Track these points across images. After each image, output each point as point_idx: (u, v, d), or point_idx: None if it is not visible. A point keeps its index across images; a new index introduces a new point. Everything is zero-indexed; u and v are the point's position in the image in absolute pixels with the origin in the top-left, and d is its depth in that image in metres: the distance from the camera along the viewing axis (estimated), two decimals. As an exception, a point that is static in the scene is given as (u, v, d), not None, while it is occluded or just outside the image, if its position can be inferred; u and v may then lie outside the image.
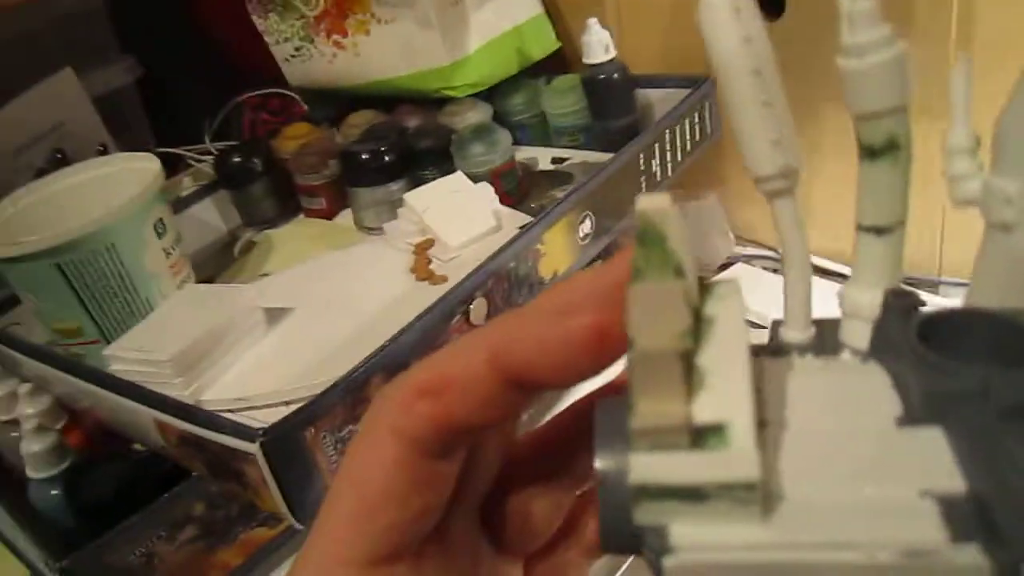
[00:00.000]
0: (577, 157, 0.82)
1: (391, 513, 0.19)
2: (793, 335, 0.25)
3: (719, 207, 0.80)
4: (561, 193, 0.67)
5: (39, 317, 0.66)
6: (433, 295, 0.53)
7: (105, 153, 0.89)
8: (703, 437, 0.17)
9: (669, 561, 0.17)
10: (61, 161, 0.84)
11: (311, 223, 0.83)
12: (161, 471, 0.59)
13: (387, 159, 0.75)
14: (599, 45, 0.75)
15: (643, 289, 0.18)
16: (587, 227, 0.62)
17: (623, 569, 0.55)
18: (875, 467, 0.18)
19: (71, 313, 0.63)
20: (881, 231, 0.23)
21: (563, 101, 0.82)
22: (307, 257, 0.75)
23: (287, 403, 0.53)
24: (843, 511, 0.17)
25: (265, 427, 0.43)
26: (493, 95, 0.85)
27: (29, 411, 0.60)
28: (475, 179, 0.71)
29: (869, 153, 0.23)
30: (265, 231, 0.84)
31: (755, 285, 0.76)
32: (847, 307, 0.25)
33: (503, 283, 0.56)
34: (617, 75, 0.76)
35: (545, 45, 0.86)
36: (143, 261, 0.64)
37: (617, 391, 0.19)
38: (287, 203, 0.85)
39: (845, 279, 0.24)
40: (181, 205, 0.84)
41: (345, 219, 0.81)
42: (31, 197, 0.69)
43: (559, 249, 0.60)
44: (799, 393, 0.21)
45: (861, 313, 0.24)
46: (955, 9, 0.64)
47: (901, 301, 0.22)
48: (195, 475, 0.57)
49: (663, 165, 0.71)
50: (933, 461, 0.18)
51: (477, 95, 0.83)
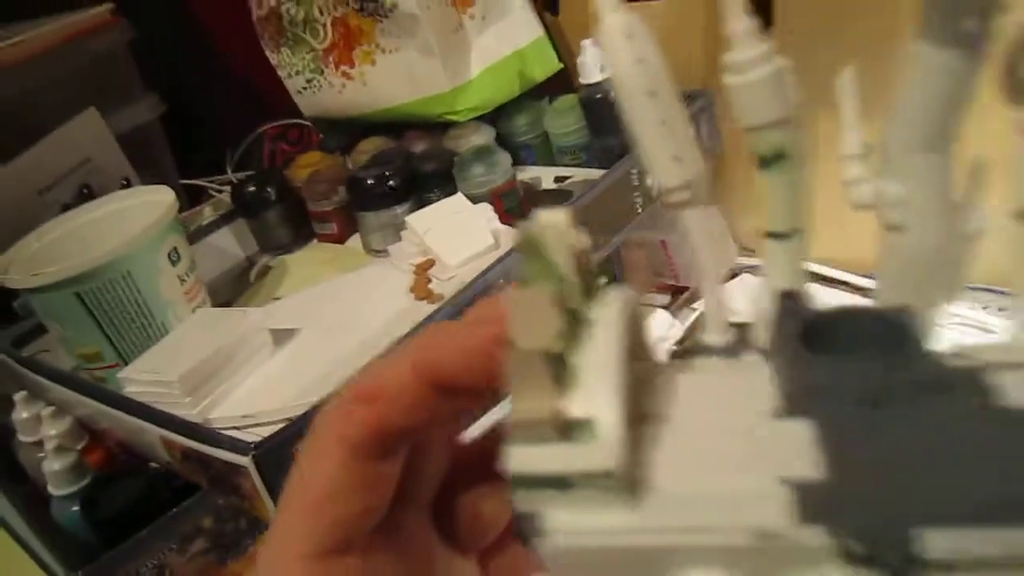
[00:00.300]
0: (579, 175, 0.83)
1: (336, 510, 0.21)
2: (711, 339, 0.26)
3: (721, 218, 0.81)
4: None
5: (63, 344, 0.69)
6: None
7: (129, 187, 0.93)
8: (573, 430, 0.19)
9: (542, 544, 0.18)
10: (87, 196, 0.88)
11: (323, 248, 0.86)
12: (174, 487, 0.62)
13: (391, 183, 0.77)
14: (594, 65, 0.76)
15: (519, 295, 0.20)
16: (579, 243, 0.63)
17: None
18: (741, 458, 0.19)
19: (91, 339, 0.66)
20: (780, 236, 0.25)
21: (564, 121, 0.84)
22: (318, 280, 0.77)
23: (290, 419, 0.55)
24: (706, 499, 0.18)
25: (257, 441, 0.45)
26: (498, 117, 0.87)
27: (51, 432, 0.63)
28: (477, 200, 0.73)
29: (761, 163, 0.24)
30: (280, 256, 0.87)
31: (760, 295, 0.76)
32: (757, 310, 0.26)
33: (495, 299, 0.57)
34: (613, 93, 0.77)
35: (547, 66, 0.88)
36: (158, 288, 0.67)
37: None
38: (301, 229, 0.88)
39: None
40: (201, 234, 0.88)
41: (355, 243, 0.84)
42: (55, 231, 0.73)
43: (550, 265, 0.61)
44: (689, 392, 0.22)
45: (765, 315, 0.25)
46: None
47: (791, 302, 0.23)
48: (203, 490, 0.59)
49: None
50: (794, 450, 0.19)
51: (481, 118, 0.85)
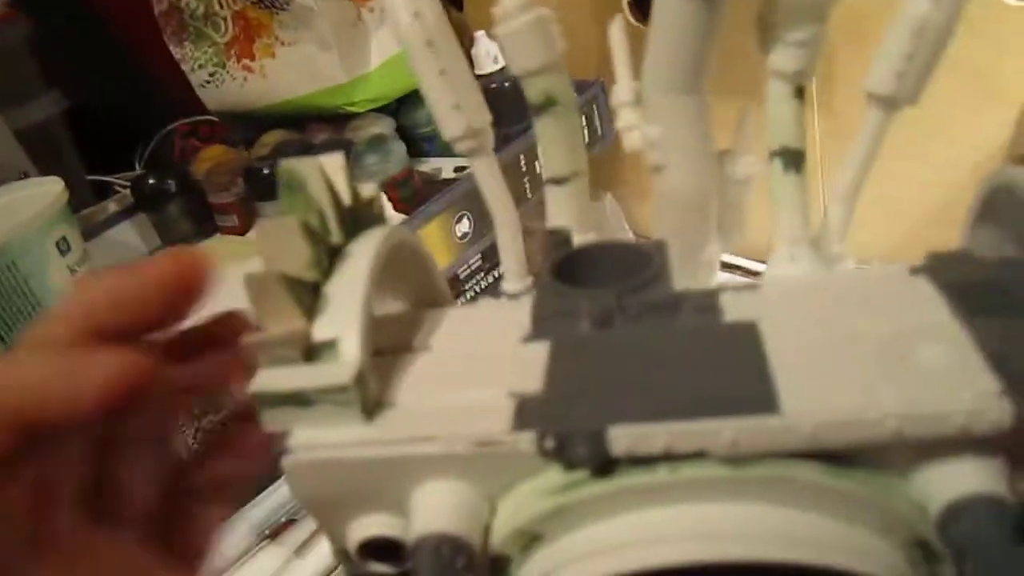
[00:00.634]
0: (480, 165, 0.85)
1: None
2: (510, 287, 0.28)
3: (616, 206, 0.83)
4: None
5: (-49, 337, 0.68)
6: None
7: (25, 181, 0.91)
8: (318, 352, 0.20)
9: (286, 460, 0.19)
10: (-19, 191, 0.86)
11: (226, 240, 0.86)
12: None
13: (289, 173, 0.77)
14: (487, 56, 0.78)
15: (268, 223, 0.21)
16: (465, 227, 0.64)
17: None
18: (481, 377, 0.20)
19: (-23, 331, 0.65)
20: (559, 181, 0.26)
21: (463, 112, 0.85)
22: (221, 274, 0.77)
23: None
24: (437, 412, 0.19)
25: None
26: (399, 109, 0.88)
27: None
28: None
29: (534, 110, 0.25)
30: (183, 251, 0.86)
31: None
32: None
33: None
34: (508, 84, 0.79)
35: (449, 60, 0.89)
36: (46, 279, 0.66)
37: None
38: (204, 223, 0.87)
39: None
40: (101, 227, 0.87)
41: (257, 235, 0.84)
42: (-58, 225, 0.71)
43: (436, 248, 0.62)
44: (456, 325, 0.23)
45: (548, 256, 0.27)
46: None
47: (554, 239, 0.25)
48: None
49: (549, 166, 0.74)
50: (529, 369, 0.20)
51: (382, 110, 0.86)
